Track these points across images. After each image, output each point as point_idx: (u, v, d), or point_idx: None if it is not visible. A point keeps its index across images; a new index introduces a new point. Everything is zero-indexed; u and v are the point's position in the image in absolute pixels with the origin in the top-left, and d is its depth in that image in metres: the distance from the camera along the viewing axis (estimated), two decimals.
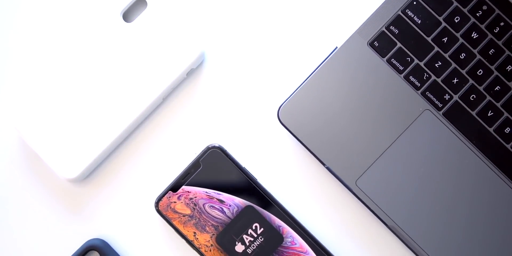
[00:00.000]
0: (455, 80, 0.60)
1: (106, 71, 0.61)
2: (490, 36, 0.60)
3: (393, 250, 0.62)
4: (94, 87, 0.61)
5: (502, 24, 0.60)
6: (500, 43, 0.60)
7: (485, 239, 0.59)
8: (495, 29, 0.60)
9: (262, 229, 0.61)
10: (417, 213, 0.59)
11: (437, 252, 0.59)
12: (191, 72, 0.63)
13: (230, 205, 0.61)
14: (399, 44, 0.60)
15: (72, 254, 0.62)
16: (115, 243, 0.62)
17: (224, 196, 0.61)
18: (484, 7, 0.60)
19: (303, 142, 0.60)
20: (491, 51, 0.60)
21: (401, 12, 0.60)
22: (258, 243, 0.61)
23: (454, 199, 0.59)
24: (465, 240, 0.59)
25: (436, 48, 0.60)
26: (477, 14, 0.60)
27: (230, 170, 0.61)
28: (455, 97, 0.60)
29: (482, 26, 0.60)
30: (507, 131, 0.59)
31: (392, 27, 0.60)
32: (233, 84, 0.63)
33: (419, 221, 0.59)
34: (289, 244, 0.61)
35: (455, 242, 0.59)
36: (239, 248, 0.61)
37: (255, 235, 0.61)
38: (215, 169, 0.61)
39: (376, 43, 0.60)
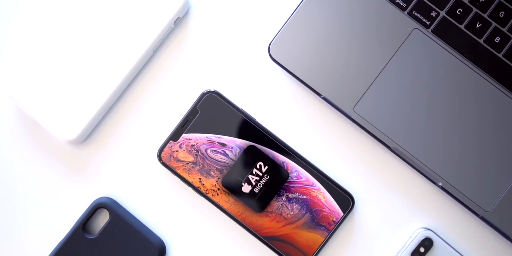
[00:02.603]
0: None
1: (93, 30, 0.61)
2: None
3: (398, 172, 0.62)
4: (83, 46, 0.61)
5: None
6: None
7: (486, 150, 0.59)
8: None
9: (266, 167, 0.60)
10: (418, 132, 0.59)
11: (443, 169, 0.59)
12: (178, 21, 0.63)
13: (232, 147, 0.60)
14: None
15: (81, 213, 0.62)
16: (123, 200, 0.62)
17: (225, 139, 0.61)
18: None
19: (297, 75, 0.60)
20: None
21: None
22: (264, 181, 0.60)
23: (453, 114, 0.59)
24: (469, 154, 0.59)
25: None
26: None
27: (228, 113, 0.61)
28: (442, 13, 0.60)
29: None
30: (497, 40, 0.59)
31: None
32: (221, 28, 0.63)
33: (421, 139, 0.59)
34: (295, 179, 0.60)
35: (459, 157, 0.59)
36: (246, 188, 0.60)
37: (261, 174, 0.60)
38: (213, 114, 0.61)
39: None
